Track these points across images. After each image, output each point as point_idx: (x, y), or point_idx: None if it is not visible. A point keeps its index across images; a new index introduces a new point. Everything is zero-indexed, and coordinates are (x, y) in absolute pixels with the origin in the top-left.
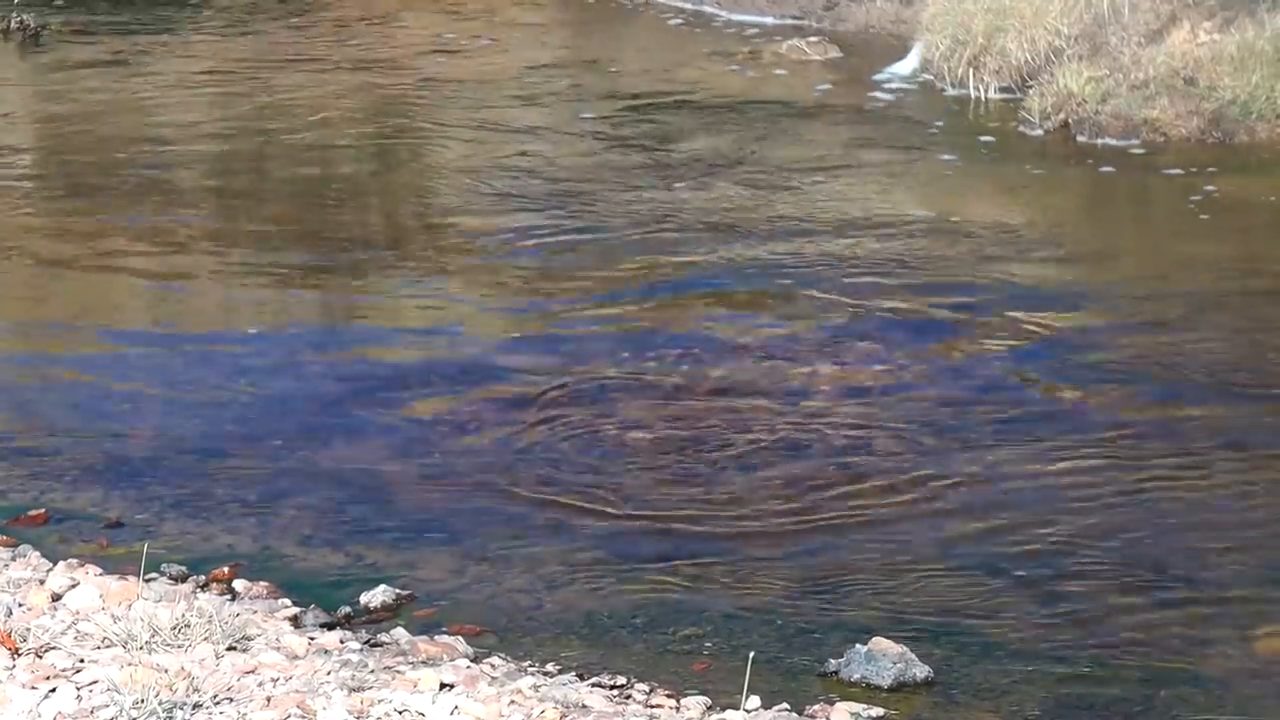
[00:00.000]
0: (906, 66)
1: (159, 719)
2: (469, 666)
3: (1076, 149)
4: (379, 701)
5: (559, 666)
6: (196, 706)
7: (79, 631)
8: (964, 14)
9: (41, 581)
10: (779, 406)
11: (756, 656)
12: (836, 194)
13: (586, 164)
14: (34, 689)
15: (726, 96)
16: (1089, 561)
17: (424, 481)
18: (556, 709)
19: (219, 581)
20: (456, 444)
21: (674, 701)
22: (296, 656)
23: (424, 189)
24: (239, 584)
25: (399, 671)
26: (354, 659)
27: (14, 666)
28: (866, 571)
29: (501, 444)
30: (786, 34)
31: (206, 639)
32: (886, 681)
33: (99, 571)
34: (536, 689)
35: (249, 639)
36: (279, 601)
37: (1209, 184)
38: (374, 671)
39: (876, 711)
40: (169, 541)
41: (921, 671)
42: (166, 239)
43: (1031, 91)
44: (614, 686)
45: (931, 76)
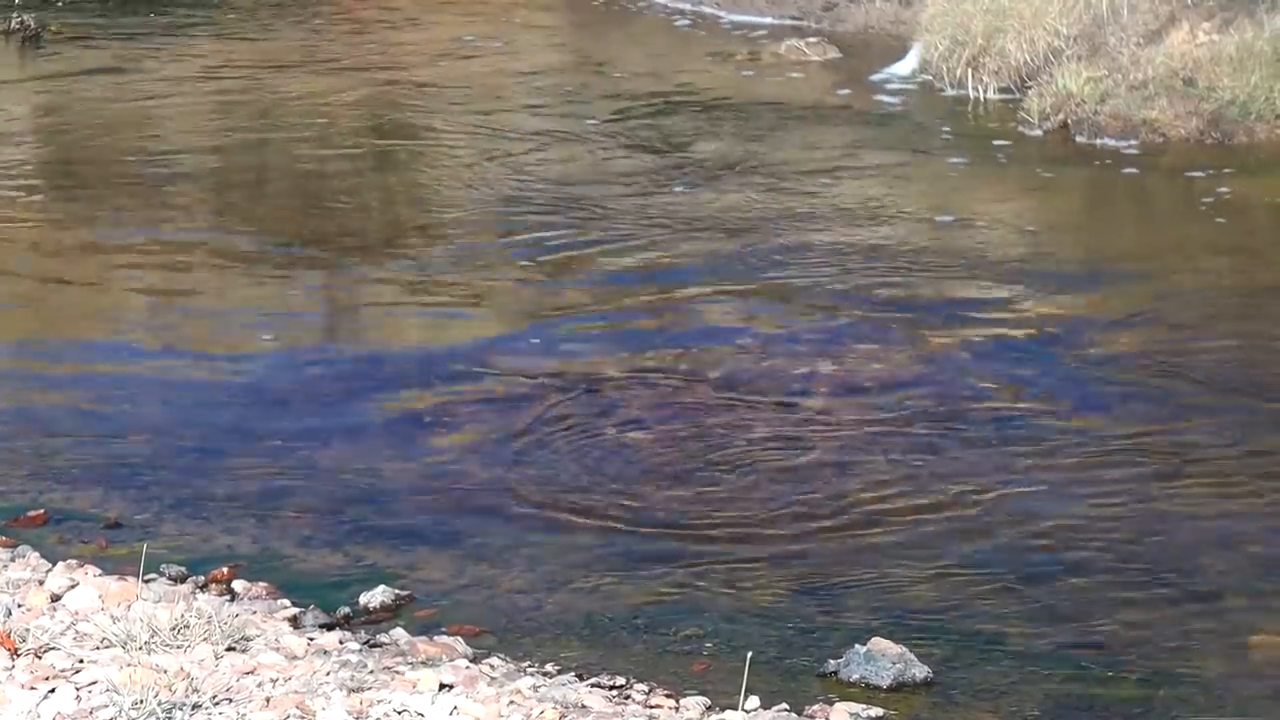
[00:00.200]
0: (905, 67)
1: (158, 719)
2: (468, 667)
3: (1076, 149)
4: (378, 702)
5: (558, 667)
6: (196, 707)
7: (78, 632)
8: (963, 14)
9: (41, 582)
10: (779, 406)
11: (755, 657)
12: (835, 195)
13: (587, 165)
14: (33, 689)
15: (725, 97)
16: (1089, 562)
17: (423, 482)
18: (556, 709)
19: (218, 582)
20: (456, 444)
21: (673, 702)
22: (296, 657)
23: (425, 190)
24: (238, 584)
25: (398, 672)
26: (353, 659)
27: (13, 667)
28: (866, 571)
29: (501, 444)
30: (786, 35)
31: (206, 640)
32: (886, 682)
33: (98, 572)
34: (536, 689)
35: (248, 639)
36: (278, 602)
37: (1209, 184)
38: (373, 672)
39: (876, 712)
40: (168, 542)
41: (921, 672)
42: (167, 240)
43: (1030, 92)
44: (613, 687)
45: (930, 77)
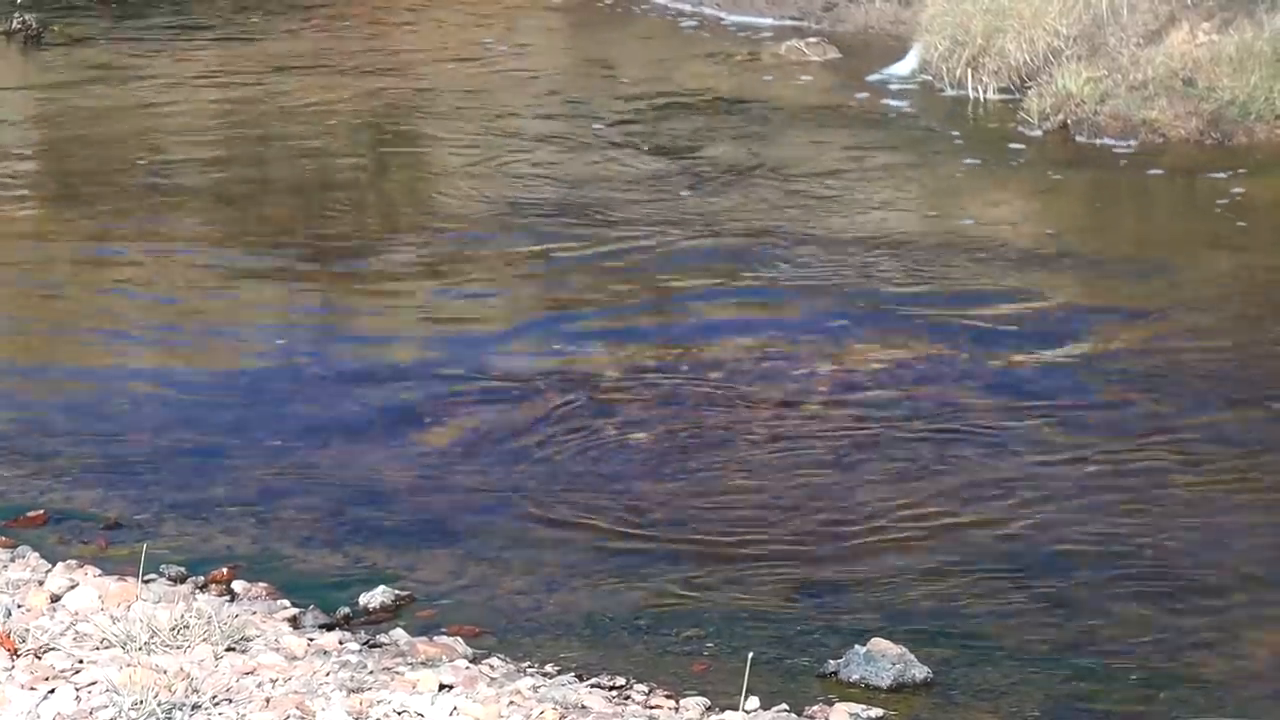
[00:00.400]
0: (905, 67)
1: (158, 719)
2: (468, 667)
3: (1075, 149)
4: (378, 703)
5: (558, 667)
6: (195, 707)
7: (78, 632)
8: (963, 15)
9: (40, 582)
10: (779, 407)
11: (756, 657)
12: (835, 195)
13: (588, 167)
14: (33, 690)
15: (726, 98)
16: (1089, 562)
17: (423, 482)
18: (555, 710)
19: (218, 582)
20: (457, 445)
21: (673, 702)
22: (295, 657)
23: (426, 192)
24: (238, 585)
25: (398, 672)
26: (353, 660)
27: (13, 667)
28: (866, 572)
29: (502, 445)
30: (786, 35)
31: (205, 640)
32: (885, 682)
33: (98, 572)
34: (535, 690)
35: (248, 640)
36: (278, 602)
37: (1210, 184)
38: (373, 672)
39: (875, 712)
40: (168, 542)
41: (920, 672)
42: (167, 240)
43: (1030, 92)
44: (613, 687)
45: (930, 77)
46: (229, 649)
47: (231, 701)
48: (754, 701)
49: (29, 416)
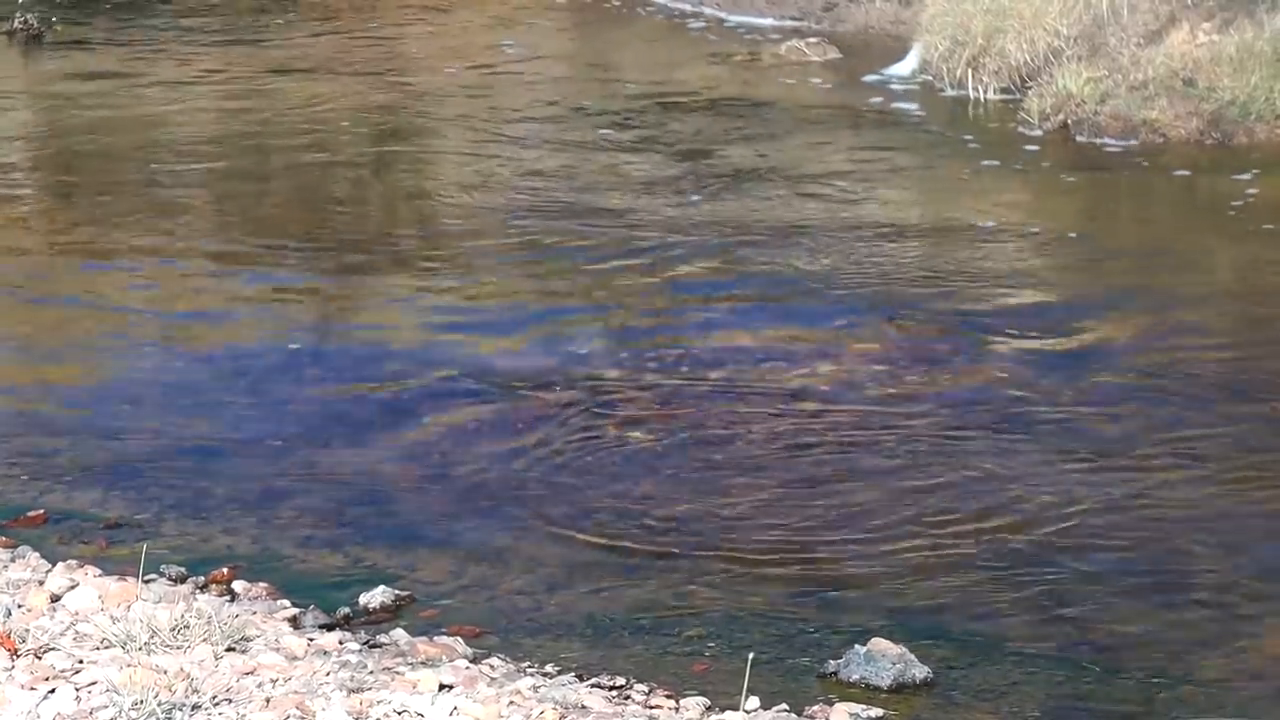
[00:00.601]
0: (905, 67)
1: (158, 719)
2: (468, 667)
3: (1076, 149)
4: (378, 703)
5: (558, 667)
6: (195, 708)
7: (78, 632)
8: (963, 15)
9: (40, 582)
10: (779, 407)
11: (756, 657)
12: (835, 195)
13: (588, 167)
14: (33, 690)
15: (725, 98)
16: (1089, 562)
17: (423, 483)
18: (556, 710)
19: (218, 583)
20: (456, 445)
21: (673, 702)
22: (295, 657)
23: (429, 194)
24: (238, 585)
25: (398, 672)
26: (353, 660)
27: (13, 667)
28: (866, 572)
29: (501, 445)
30: (786, 35)
31: (205, 640)
32: (886, 682)
33: (98, 572)
34: (536, 690)
35: (248, 640)
36: (278, 602)
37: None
38: (373, 672)
39: (876, 712)
40: (168, 542)
41: (921, 672)
42: (167, 241)
43: (1030, 92)
44: (613, 687)
45: (930, 77)
46: (229, 649)
47: (232, 701)
48: (754, 701)
49: (29, 416)
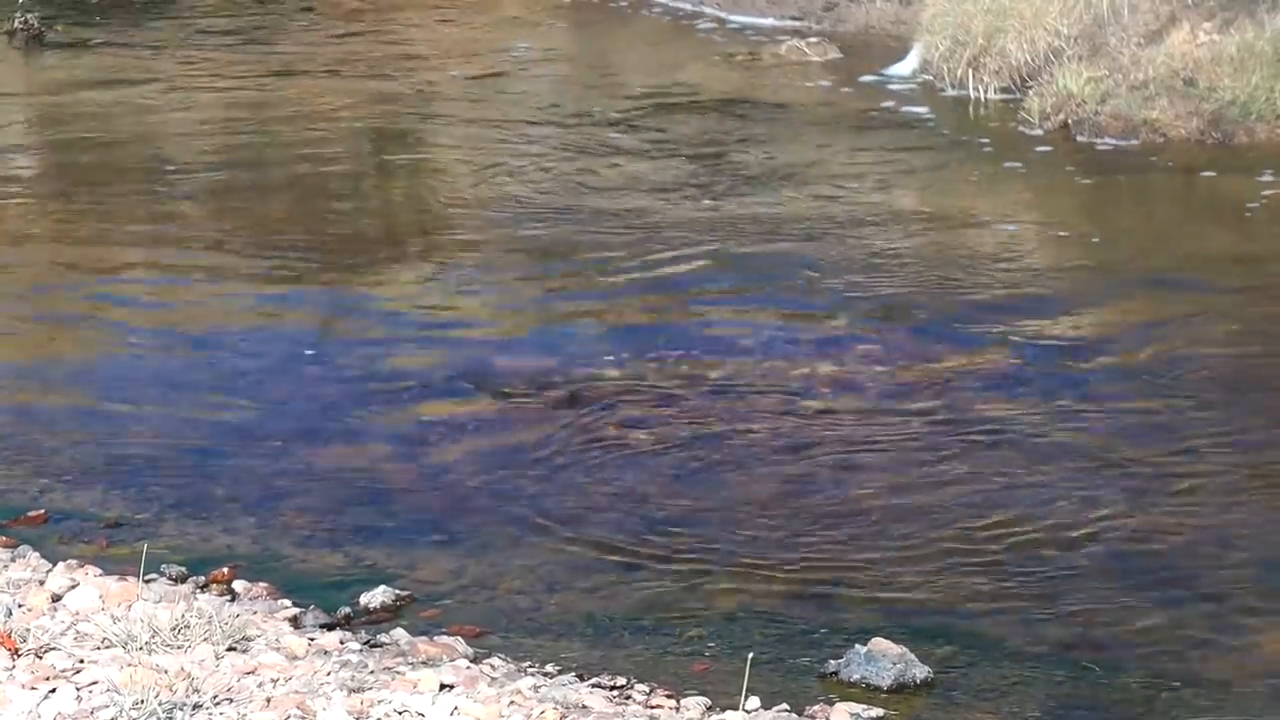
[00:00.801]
0: (906, 67)
1: (159, 719)
2: (469, 667)
3: (1076, 149)
4: (379, 702)
5: (559, 667)
6: (196, 707)
7: (79, 632)
8: (963, 15)
9: (41, 582)
10: (779, 408)
11: (756, 657)
12: (836, 195)
13: (589, 167)
14: (34, 689)
15: (726, 98)
16: (1089, 562)
17: (424, 482)
18: (556, 710)
19: (219, 582)
20: (456, 444)
21: (674, 702)
22: (296, 657)
23: (430, 197)
24: (239, 585)
25: (399, 672)
26: (354, 660)
27: (14, 667)
28: (866, 571)
29: (501, 445)
30: (787, 35)
31: (206, 640)
32: (886, 682)
33: (99, 572)
34: (536, 689)
35: (249, 640)
36: (279, 602)
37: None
38: (374, 672)
39: (876, 712)
40: (169, 542)
41: (921, 672)
42: (167, 240)
43: (1031, 92)
44: (614, 687)
45: (931, 77)
46: (230, 649)
47: (232, 701)
48: (754, 701)
49: (29, 416)
